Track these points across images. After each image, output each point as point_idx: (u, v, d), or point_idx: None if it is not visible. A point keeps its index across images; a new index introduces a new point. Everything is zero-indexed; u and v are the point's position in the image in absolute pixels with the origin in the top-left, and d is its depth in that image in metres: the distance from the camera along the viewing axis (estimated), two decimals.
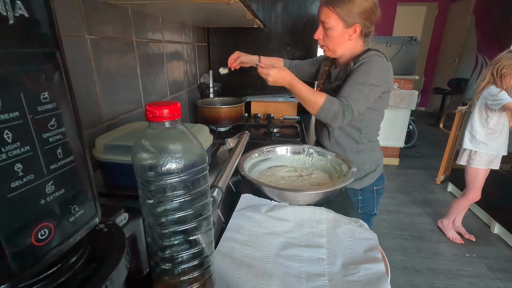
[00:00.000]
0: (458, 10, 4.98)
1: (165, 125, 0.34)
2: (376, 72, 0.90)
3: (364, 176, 1.06)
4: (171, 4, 0.79)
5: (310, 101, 0.92)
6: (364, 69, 0.90)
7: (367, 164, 1.05)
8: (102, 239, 0.30)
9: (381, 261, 0.54)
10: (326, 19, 0.92)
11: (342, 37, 0.95)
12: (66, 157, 0.24)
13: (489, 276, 1.74)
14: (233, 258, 0.54)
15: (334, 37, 0.95)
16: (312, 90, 0.92)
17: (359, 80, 0.90)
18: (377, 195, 1.11)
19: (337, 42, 0.96)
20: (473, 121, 1.82)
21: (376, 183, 1.08)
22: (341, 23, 0.92)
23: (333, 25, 0.92)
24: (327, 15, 0.92)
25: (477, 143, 1.80)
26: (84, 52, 0.71)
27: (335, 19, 0.91)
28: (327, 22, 0.92)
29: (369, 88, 0.90)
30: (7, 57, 0.19)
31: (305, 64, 1.26)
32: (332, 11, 0.90)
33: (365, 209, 1.11)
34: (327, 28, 0.94)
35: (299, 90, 0.92)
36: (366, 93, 0.90)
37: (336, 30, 0.93)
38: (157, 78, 1.09)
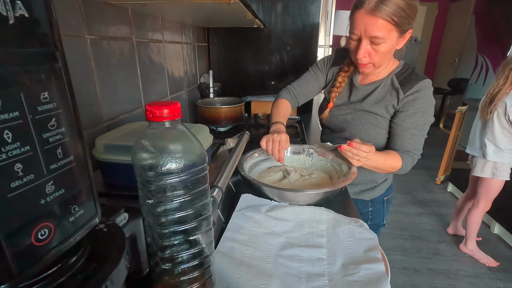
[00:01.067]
0: (458, 10, 4.98)
1: (165, 125, 0.34)
2: (432, 107, 0.85)
3: (375, 187, 1.01)
4: (171, 4, 0.79)
5: (388, 168, 0.85)
6: (422, 108, 0.83)
7: (381, 178, 1.01)
8: (102, 239, 0.30)
9: (381, 261, 0.54)
10: (379, 32, 0.73)
11: (393, 48, 0.80)
12: (66, 157, 0.24)
13: (489, 276, 1.74)
14: (233, 258, 0.54)
15: (384, 52, 0.78)
16: (387, 156, 0.84)
17: (419, 124, 0.84)
18: (387, 204, 1.06)
19: (386, 56, 0.81)
20: (494, 130, 1.66)
21: (386, 193, 1.04)
22: (396, 33, 0.75)
23: (387, 37, 0.74)
24: (381, 27, 0.72)
25: (503, 153, 1.67)
26: (84, 52, 0.71)
27: (391, 30, 0.74)
28: (381, 36, 0.74)
29: (428, 127, 0.87)
30: (7, 57, 0.19)
31: (308, 83, 1.05)
32: (389, 21, 0.72)
33: (375, 220, 1.05)
34: (379, 43, 0.75)
35: (377, 162, 0.81)
36: (425, 133, 0.88)
37: (389, 42, 0.76)
38: (157, 78, 1.09)
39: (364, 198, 1.02)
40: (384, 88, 0.89)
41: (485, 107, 1.68)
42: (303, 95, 1.06)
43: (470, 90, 4.39)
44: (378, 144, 0.92)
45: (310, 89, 1.06)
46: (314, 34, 1.64)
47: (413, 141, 0.86)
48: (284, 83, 1.74)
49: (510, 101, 1.57)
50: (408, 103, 0.84)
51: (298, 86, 1.06)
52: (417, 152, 0.87)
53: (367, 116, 0.90)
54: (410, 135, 0.85)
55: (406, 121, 0.85)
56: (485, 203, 1.80)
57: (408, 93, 0.83)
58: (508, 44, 3.46)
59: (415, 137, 0.86)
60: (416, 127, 0.84)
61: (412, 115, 0.84)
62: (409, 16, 0.73)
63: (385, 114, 0.88)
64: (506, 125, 1.63)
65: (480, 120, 1.77)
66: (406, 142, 0.86)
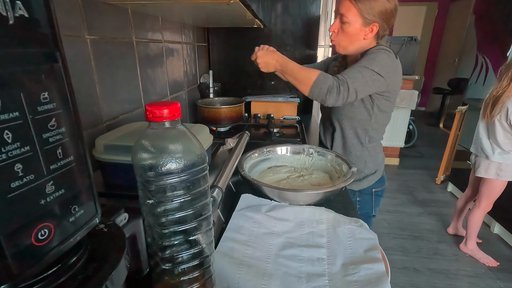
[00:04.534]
0: (458, 10, 4.98)
1: (165, 125, 0.34)
2: (381, 61, 0.88)
3: (363, 178, 1.05)
4: (171, 4, 0.79)
5: (303, 76, 0.89)
6: (370, 56, 0.89)
7: (368, 169, 1.04)
8: (102, 239, 0.30)
9: (381, 261, 0.54)
10: (346, 12, 0.89)
11: (357, 35, 0.92)
12: (66, 157, 0.24)
13: (489, 276, 1.74)
14: (233, 258, 0.54)
15: (349, 33, 0.92)
16: (304, 67, 0.91)
17: (361, 64, 0.88)
18: (376, 197, 1.09)
19: (351, 40, 0.93)
20: (497, 133, 1.66)
21: (375, 186, 1.08)
22: (360, 20, 0.89)
23: (351, 20, 0.89)
24: (348, 8, 0.88)
25: (508, 154, 1.67)
26: (84, 52, 0.71)
27: (355, 14, 0.88)
28: (346, 15, 0.89)
29: (370, 73, 0.87)
30: (7, 57, 0.19)
31: (321, 65, 1.19)
32: (354, 5, 0.87)
33: (363, 210, 1.10)
34: (345, 22, 0.90)
35: (291, 68, 0.90)
36: (366, 76, 0.86)
37: (354, 26, 0.90)
38: (157, 78, 1.09)
39: (352, 188, 1.06)
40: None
41: (488, 109, 1.67)
42: None
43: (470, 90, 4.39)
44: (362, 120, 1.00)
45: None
46: (314, 34, 1.64)
47: (347, 71, 0.89)
48: (284, 83, 1.74)
49: (511, 106, 1.56)
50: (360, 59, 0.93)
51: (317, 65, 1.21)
52: (345, 76, 0.87)
53: None
54: (349, 68, 0.90)
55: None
56: (487, 203, 1.80)
57: (364, 54, 0.93)
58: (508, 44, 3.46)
59: (351, 69, 0.89)
60: (358, 64, 0.89)
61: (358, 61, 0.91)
62: (372, 8, 0.87)
63: None
64: (508, 128, 1.62)
65: (482, 121, 1.76)
66: (343, 72, 0.90)
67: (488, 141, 1.73)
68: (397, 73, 0.93)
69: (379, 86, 0.90)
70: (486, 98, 1.70)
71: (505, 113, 1.59)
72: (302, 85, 0.90)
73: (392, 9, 0.89)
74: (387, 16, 0.89)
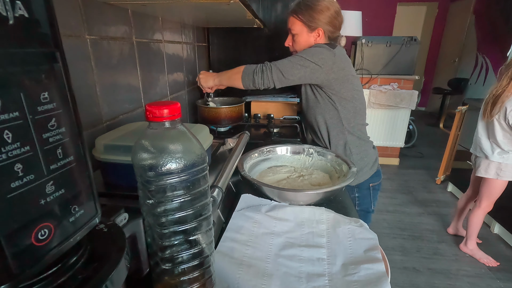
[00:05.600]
0: (458, 10, 4.98)
1: (165, 125, 0.34)
2: (311, 50, 0.98)
3: (359, 171, 1.07)
4: (171, 4, 0.79)
5: (234, 73, 1.02)
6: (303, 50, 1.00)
7: (360, 158, 1.08)
8: (102, 239, 0.30)
9: (381, 261, 0.54)
10: (292, 26, 1.03)
11: (307, 41, 1.04)
12: (66, 157, 0.24)
13: (489, 276, 1.74)
14: (233, 258, 0.54)
15: (300, 42, 1.05)
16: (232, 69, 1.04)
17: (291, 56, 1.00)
18: (374, 191, 1.12)
19: (303, 46, 1.04)
20: (496, 133, 1.66)
21: (372, 180, 1.10)
22: (305, 28, 1.02)
23: (298, 31, 1.03)
24: (293, 22, 1.03)
25: (507, 154, 1.67)
26: (84, 52, 0.71)
27: (300, 25, 1.02)
28: (293, 28, 1.03)
29: (298, 58, 0.97)
30: (7, 57, 0.19)
31: None
32: (296, 18, 1.01)
33: (363, 206, 1.12)
34: (294, 34, 1.04)
35: (224, 74, 1.05)
36: (293, 60, 0.97)
37: (301, 35, 1.03)
38: (157, 78, 1.09)
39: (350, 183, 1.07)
40: None
41: (488, 108, 1.66)
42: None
43: (470, 90, 4.39)
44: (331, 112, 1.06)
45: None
46: None
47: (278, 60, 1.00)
48: None
49: (510, 106, 1.56)
50: None
51: None
52: (272, 62, 0.98)
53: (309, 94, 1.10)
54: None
55: None
56: (488, 203, 1.80)
57: None
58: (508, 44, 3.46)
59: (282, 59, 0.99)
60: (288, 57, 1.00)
61: None
62: (311, 16, 0.99)
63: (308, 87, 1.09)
64: (507, 128, 1.62)
65: (483, 121, 1.76)
66: None
67: (487, 141, 1.72)
68: (335, 61, 0.98)
69: (314, 72, 0.97)
70: (486, 97, 1.69)
71: (503, 112, 1.59)
72: (235, 81, 1.03)
73: (332, 13, 1.00)
74: (329, 20, 1.00)
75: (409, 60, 2.99)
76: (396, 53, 2.98)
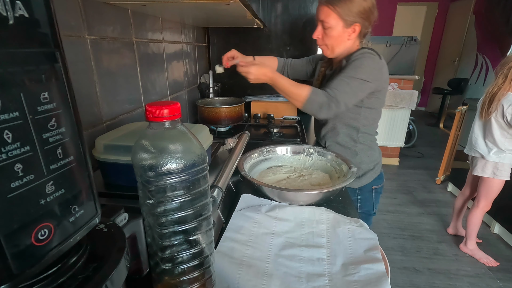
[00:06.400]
0: (458, 10, 4.98)
1: (165, 125, 0.34)
2: (366, 67, 0.91)
3: (362, 175, 1.06)
4: (171, 4, 0.79)
5: (294, 94, 0.92)
6: (355, 64, 0.91)
7: (365, 163, 1.05)
8: (102, 239, 0.30)
9: (381, 261, 0.54)
10: (326, 18, 0.92)
11: (341, 37, 0.94)
12: (66, 157, 0.24)
13: (489, 276, 1.74)
14: (233, 258, 0.54)
15: (333, 37, 0.94)
16: (295, 83, 0.92)
17: (348, 74, 0.90)
18: (376, 194, 1.11)
19: (336, 42, 0.96)
20: (493, 131, 1.66)
21: (374, 183, 1.09)
22: (341, 23, 0.91)
23: (332, 24, 0.92)
24: (327, 14, 0.91)
25: (504, 153, 1.67)
26: (84, 52, 0.71)
27: (335, 18, 0.91)
28: (327, 21, 0.92)
29: (358, 82, 0.90)
30: (7, 57, 0.19)
31: (301, 63, 1.24)
32: (332, 10, 0.90)
33: (364, 208, 1.11)
34: (327, 27, 0.93)
35: (282, 84, 0.92)
36: (354, 87, 0.90)
37: (336, 29, 0.93)
38: (157, 78, 1.09)
39: (352, 186, 1.07)
40: (339, 68, 0.99)
41: (485, 106, 1.67)
42: (291, 68, 1.24)
43: (470, 90, 4.39)
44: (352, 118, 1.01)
45: (299, 68, 1.24)
46: None
47: (336, 83, 0.91)
48: None
49: (506, 103, 1.57)
50: (346, 65, 0.94)
51: (292, 60, 1.26)
52: (335, 91, 0.89)
53: None
54: (336, 79, 0.92)
55: (340, 72, 0.93)
56: (486, 203, 1.80)
57: (349, 60, 0.94)
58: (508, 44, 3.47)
59: (340, 81, 0.91)
60: (345, 75, 0.91)
61: (343, 69, 0.93)
62: (350, 10, 0.89)
63: None
64: (504, 126, 1.63)
65: (480, 121, 1.76)
66: (330, 83, 0.92)
67: (483, 141, 1.73)
68: (382, 73, 0.95)
69: (367, 90, 0.93)
70: (483, 97, 1.70)
71: (501, 110, 1.60)
72: (294, 101, 0.94)
73: (370, 7, 0.91)
74: (367, 15, 0.92)
75: (409, 60, 2.99)
76: (396, 53, 2.97)
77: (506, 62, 1.58)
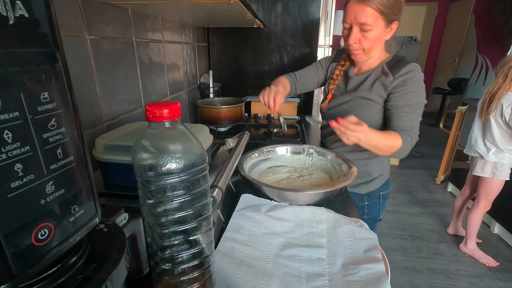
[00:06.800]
0: (458, 10, 4.98)
1: (165, 125, 0.34)
2: (423, 88, 0.88)
3: (371, 181, 1.03)
4: (171, 4, 0.79)
5: (387, 147, 0.83)
6: (413, 88, 0.86)
7: (376, 171, 1.03)
8: (102, 239, 0.30)
9: (381, 261, 0.54)
10: (367, 19, 0.82)
11: (380, 38, 0.87)
12: (66, 157, 0.24)
13: (489, 276, 1.74)
14: (233, 258, 0.54)
15: (372, 39, 0.86)
16: (386, 135, 0.83)
17: (412, 102, 0.86)
18: (383, 200, 1.08)
19: (374, 44, 0.88)
20: (493, 131, 1.66)
21: (382, 188, 1.06)
22: (383, 23, 0.84)
23: (375, 25, 0.83)
24: (369, 14, 0.81)
25: (503, 154, 1.67)
26: (84, 52, 0.71)
27: (378, 18, 0.82)
28: (369, 23, 0.82)
29: (422, 105, 0.89)
30: (7, 57, 0.19)
31: (308, 74, 1.13)
32: (376, 10, 0.81)
33: (371, 214, 1.07)
34: (367, 29, 0.84)
35: (375, 141, 0.80)
36: (420, 112, 0.89)
37: (377, 31, 0.84)
38: (157, 78, 1.09)
39: (360, 191, 1.04)
40: (375, 75, 0.94)
41: (485, 106, 1.68)
42: (301, 84, 1.12)
43: (470, 90, 4.39)
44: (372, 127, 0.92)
45: (308, 80, 1.13)
46: (314, 34, 1.64)
47: (409, 119, 0.87)
48: None
49: (506, 103, 1.57)
50: (399, 85, 0.88)
51: (298, 74, 1.13)
52: (414, 131, 0.87)
53: (361, 102, 0.95)
54: (405, 114, 0.87)
55: (399, 100, 0.88)
56: (485, 203, 1.80)
57: (397, 76, 0.88)
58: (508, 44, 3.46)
59: (410, 115, 0.87)
60: (410, 105, 0.87)
61: (404, 95, 0.87)
62: (393, 7, 0.82)
63: (378, 98, 0.92)
64: (503, 125, 1.63)
65: (479, 121, 1.76)
66: (402, 120, 0.88)
67: (482, 142, 1.74)
68: None
69: None
70: (483, 97, 1.70)
71: (500, 109, 1.60)
72: (381, 152, 0.86)
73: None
74: (402, 9, 0.85)
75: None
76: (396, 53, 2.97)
77: (506, 62, 1.59)
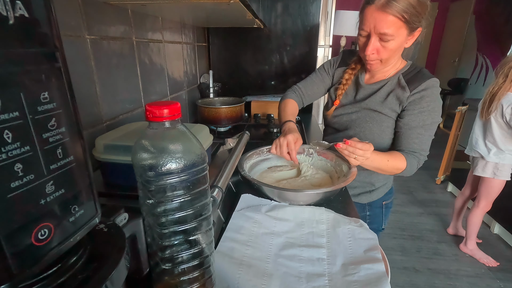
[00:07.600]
0: (458, 10, 4.98)
1: (165, 125, 0.34)
2: (439, 107, 0.82)
3: (373, 190, 0.99)
4: (171, 4, 0.79)
5: (392, 169, 0.82)
6: (430, 107, 0.81)
7: (379, 181, 0.99)
8: (102, 239, 0.30)
9: (381, 261, 0.54)
10: (388, 29, 0.73)
11: (401, 47, 0.80)
12: (66, 157, 0.24)
13: (489, 276, 1.74)
14: (233, 258, 0.54)
15: (393, 49, 0.77)
16: (390, 157, 0.81)
17: (426, 123, 0.82)
18: (386, 209, 1.03)
19: (394, 53, 0.80)
20: (493, 131, 1.66)
21: (385, 197, 1.01)
22: (406, 31, 0.75)
23: (397, 34, 0.74)
24: (392, 23, 0.72)
25: (504, 154, 1.67)
26: (84, 52, 0.71)
27: (401, 27, 0.73)
28: (391, 34, 0.73)
29: (435, 127, 0.83)
30: (7, 57, 0.19)
31: (313, 85, 1.05)
32: (400, 18, 0.71)
33: (373, 224, 1.02)
34: (388, 40, 0.75)
35: (378, 163, 0.79)
36: (433, 133, 0.84)
37: (399, 40, 0.76)
38: (157, 78, 1.09)
39: (361, 201, 0.99)
40: (390, 86, 0.87)
41: (485, 106, 1.68)
42: (308, 96, 1.06)
43: (470, 90, 4.39)
44: (382, 143, 0.90)
45: (315, 90, 1.06)
46: (314, 34, 1.64)
47: (420, 140, 0.83)
48: (284, 83, 1.74)
49: (506, 103, 1.57)
50: (415, 101, 0.82)
51: (304, 87, 1.06)
52: (423, 152, 0.84)
53: (372, 114, 0.88)
54: (417, 135, 0.83)
55: (413, 119, 0.82)
56: (486, 203, 1.80)
57: (414, 91, 0.82)
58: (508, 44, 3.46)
59: (422, 136, 0.83)
60: (423, 126, 0.82)
61: (419, 114, 0.81)
62: (419, 13, 0.73)
63: (391, 113, 0.86)
64: (504, 126, 1.63)
65: (480, 121, 1.76)
66: (412, 141, 0.83)
67: (483, 142, 1.74)
68: None
69: None
70: (484, 96, 1.71)
71: (500, 109, 1.60)
72: (384, 173, 0.86)
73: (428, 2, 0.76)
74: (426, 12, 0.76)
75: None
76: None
77: (506, 62, 1.59)
